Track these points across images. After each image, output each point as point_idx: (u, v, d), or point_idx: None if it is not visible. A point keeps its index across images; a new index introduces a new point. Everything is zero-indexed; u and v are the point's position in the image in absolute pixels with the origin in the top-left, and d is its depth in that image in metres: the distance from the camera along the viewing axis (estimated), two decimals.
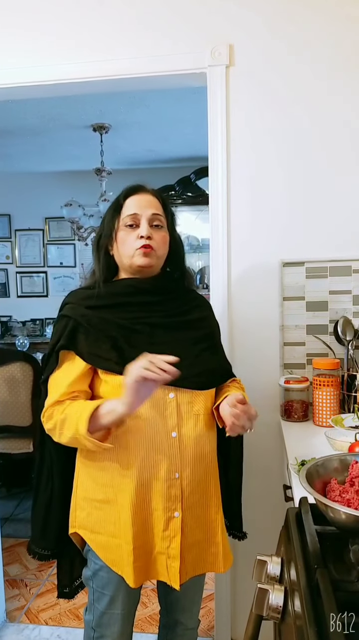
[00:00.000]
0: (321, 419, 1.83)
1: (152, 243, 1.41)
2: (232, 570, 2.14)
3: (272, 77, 1.96)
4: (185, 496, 1.41)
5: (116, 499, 1.40)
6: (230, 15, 1.96)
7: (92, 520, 1.45)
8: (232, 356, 2.05)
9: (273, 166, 1.99)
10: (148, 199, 1.45)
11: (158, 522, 1.40)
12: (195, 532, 1.45)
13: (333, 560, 0.91)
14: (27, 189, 5.87)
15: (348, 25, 1.90)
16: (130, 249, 1.42)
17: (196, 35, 1.98)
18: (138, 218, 1.42)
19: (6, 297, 6.16)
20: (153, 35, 2.01)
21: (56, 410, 1.35)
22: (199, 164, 4.76)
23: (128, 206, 1.44)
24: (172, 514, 1.40)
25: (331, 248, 1.98)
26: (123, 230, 1.43)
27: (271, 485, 2.05)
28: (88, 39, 2.05)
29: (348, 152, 1.95)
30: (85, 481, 1.47)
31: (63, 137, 4.42)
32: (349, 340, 1.91)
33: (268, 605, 0.90)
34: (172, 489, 1.39)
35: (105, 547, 1.43)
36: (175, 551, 1.40)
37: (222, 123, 1.99)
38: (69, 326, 1.39)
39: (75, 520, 1.50)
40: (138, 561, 1.39)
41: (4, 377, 3.27)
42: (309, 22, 1.92)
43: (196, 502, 1.45)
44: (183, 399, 1.40)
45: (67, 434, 1.32)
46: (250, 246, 2.03)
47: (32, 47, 2.09)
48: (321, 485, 1.02)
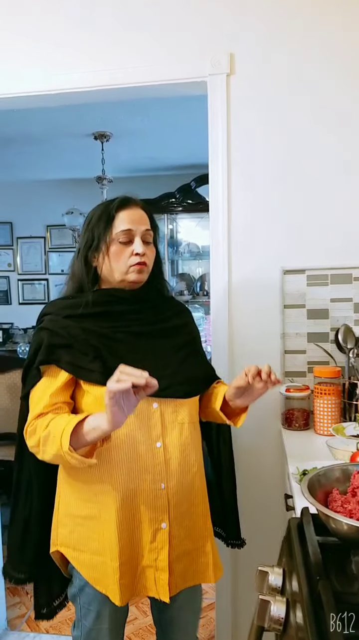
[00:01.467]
0: (323, 427, 1.83)
1: (145, 259, 1.42)
2: (233, 580, 2.13)
3: (272, 85, 1.97)
4: (172, 507, 1.39)
5: (100, 515, 1.37)
6: (231, 24, 1.97)
7: (75, 538, 1.41)
8: (232, 364, 2.05)
9: (273, 174, 2.00)
10: (140, 214, 1.44)
11: (145, 534, 1.37)
12: (184, 542, 1.42)
13: (335, 572, 0.90)
14: (29, 197, 5.89)
15: (347, 35, 1.91)
16: (124, 265, 1.41)
17: (196, 44, 1.99)
18: (133, 234, 1.41)
19: (8, 305, 6.17)
20: (154, 45, 2.02)
21: (39, 425, 1.31)
22: (199, 172, 4.77)
23: (121, 220, 1.41)
24: (159, 525, 1.38)
25: (332, 256, 1.98)
26: (116, 245, 1.41)
27: (272, 495, 2.04)
28: (89, 49, 2.06)
29: (349, 160, 1.95)
30: (68, 497, 1.43)
31: (64, 146, 4.44)
32: (350, 349, 1.90)
33: (270, 616, 0.88)
34: (158, 500, 1.37)
35: (88, 565, 1.39)
36: (163, 563, 1.38)
37: (222, 131, 2.00)
38: (48, 339, 1.36)
39: (57, 538, 1.46)
40: (124, 578, 1.36)
41: (6, 385, 3.26)
42: (310, 32, 1.93)
43: (184, 512, 1.42)
44: (167, 408, 1.39)
45: (50, 451, 1.28)
46: (251, 253, 2.03)
47: (33, 57, 2.10)
48: (323, 496, 1.01)
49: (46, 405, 1.33)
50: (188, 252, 5.44)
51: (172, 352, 1.46)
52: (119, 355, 1.34)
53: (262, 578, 0.99)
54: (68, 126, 3.92)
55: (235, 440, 2.03)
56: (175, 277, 5.55)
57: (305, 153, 1.97)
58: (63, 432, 1.24)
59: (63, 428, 1.24)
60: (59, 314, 1.40)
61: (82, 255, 1.45)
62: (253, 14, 1.96)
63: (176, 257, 5.54)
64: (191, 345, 1.55)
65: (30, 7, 2.09)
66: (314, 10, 1.93)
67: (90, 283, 1.45)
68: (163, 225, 5.26)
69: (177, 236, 5.48)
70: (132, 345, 1.40)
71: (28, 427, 1.33)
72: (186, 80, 2.02)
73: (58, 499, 1.47)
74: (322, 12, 1.92)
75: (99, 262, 1.44)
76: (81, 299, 1.42)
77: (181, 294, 5.34)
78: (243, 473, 2.08)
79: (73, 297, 1.45)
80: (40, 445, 1.30)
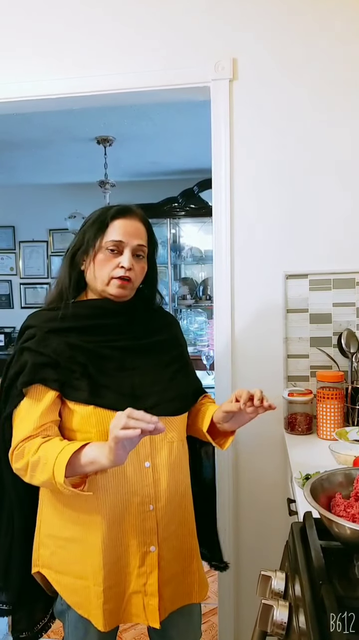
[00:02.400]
0: (325, 432, 1.82)
1: (131, 274, 1.35)
2: (236, 585, 2.12)
3: (276, 91, 1.97)
4: (160, 528, 1.33)
5: (84, 538, 1.30)
6: (234, 29, 1.98)
7: (56, 560, 1.35)
8: (235, 368, 2.05)
9: (276, 179, 2.00)
10: (136, 227, 1.37)
11: (132, 558, 1.32)
12: (172, 564, 1.37)
13: (338, 576, 0.90)
14: (32, 201, 5.91)
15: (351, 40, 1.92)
16: (106, 275, 1.34)
17: (200, 50, 2.00)
18: (123, 246, 1.34)
19: (10, 308, 6.18)
20: (157, 49, 2.03)
21: (27, 448, 1.24)
22: (202, 176, 4.78)
23: (115, 229, 1.34)
24: (148, 548, 1.32)
25: (335, 260, 1.98)
26: (103, 253, 1.34)
27: (274, 499, 2.04)
28: (92, 54, 2.07)
29: (353, 165, 1.95)
30: (50, 517, 1.37)
31: (67, 150, 4.45)
32: (353, 353, 1.90)
33: (273, 621, 0.88)
34: (147, 522, 1.32)
35: (70, 589, 1.33)
36: (152, 588, 1.32)
37: (226, 136, 2.00)
38: (32, 360, 1.28)
39: (39, 559, 1.39)
40: (109, 603, 1.30)
41: None
42: (313, 38, 1.94)
43: (172, 533, 1.37)
44: None
45: (40, 478, 1.22)
46: (254, 258, 2.03)
47: (36, 62, 2.11)
48: (326, 500, 1.01)
49: (34, 427, 1.25)
50: (190, 257, 5.46)
51: (161, 368, 1.41)
52: (106, 373, 1.30)
53: (265, 582, 0.99)
54: (71, 130, 3.93)
55: (237, 444, 2.03)
56: (178, 282, 5.56)
57: (308, 158, 1.97)
58: (56, 461, 1.17)
59: (56, 457, 1.18)
60: (42, 328, 1.33)
61: (69, 257, 1.39)
62: (256, 20, 1.96)
63: (179, 261, 5.56)
64: (180, 359, 1.49)
65: (32, 11, 2.10)
66: (318, 16, 1.93)
67: (72, 289, 1.39)
68: (166, 230, 5.28)
69: (179, 240, 5.50)
70: (119, 361, 1.34)
71: (15, 450, 1.26)
72: (189, 85, 2.02)
73: (40, 518, 1.40)
74: (325, 17, 1.93)
75: (86, 267, 1.38)
76: (67, 310, 1.35)
77: (184, 298, 5.35)
78: (245, 477, 2.08)
79: (57, 307, 1.37)
80: (29, 471, 1.24)
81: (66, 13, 2.08)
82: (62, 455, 1.18)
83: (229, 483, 2.07)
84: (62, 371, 1.28)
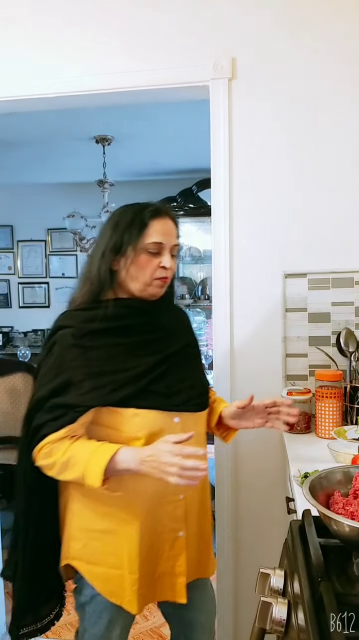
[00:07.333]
0: (324, 430, 1.83)
1: (169, 273, 1.41)
2: (234, 582, 2.12)
3: (275, 90, 1.97)
4: (188, 515, 1.42)
5: (118, 529, 1.36)
6: (233, 28, 1.98)
7: (89, 552, 1.39)
8: (234, 367, 2.05)
9: (275, 178, 2.00)
10: (171, 227, 1.42)
11: (164, 544, 1.40)
12: (194, 546, 1.46)
13: (336, 574, 0.90)
14: (30, 200, 5.90)
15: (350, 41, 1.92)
16: (149, 276, 1.38)
17: (199, 49, 2.00)
18: (163, 247, 1.38)
19: (8, 308, 6.17)
20: (156, 49, 2.03)
21: (55, 448, 1.28)
22: (201, 176, 4.78)
23: (155, 231, 1.37)
24: (177, 534, 1.41)
25: (333, 260, 1.98)
26: (144, 254, 1.36)
27: (273, 497, 2.04)
28: (91, 53, 2.07)
29: (351, 165, 1.95)
30: (82, 511, 1.40)
31: (66, 149, 4.44)
32: (351, 352, 1.91)
33: (271, 618, 0.89)
34: (177, 510, 1.40)
35: (103, 579, 1.38)
36: (180, 568, 1.41)
37: (225, 135, 2.00)
38: (76, 378, 1.30)
39: (69, 552, 1.42)
40: (143, 588, 1.37)
41: (6, 388, 3.26)
42: (312, 37, 1.94)
43: (197, 519, 1.46)
44: (188, 422, 1.38)
45: (69, 476, 1.27)
46: (252, 257, 2.03)
47: (35, 61, 2.11)
48: (325, 498, 1.01)
49: (66, 430, 1.29)
50: (189, 256, 5.45)
51: (186, 363, 1.46)
52: (144, 375, 1.34)
53: (264, 580, 0.99)
54: (70, 129, 3.92)
55: (237, 443, 2.03)
56: (177, 281, 5.55)
57: (306, 157, 1.98)
58: (89, 464, 1.23)
59: (89, 459, 1.24)
60: (81, 330, 1.35)
61: (100, 256, 1.39)
62: (255, 19, 1.96)
63: (177, 261, 5.54)
64: (198, 354, 1.56)
65: (31, 10, 2.10)
66: (318, 15, 1.93)
67: (110, 288, 1.41)
68: None
69: None
70: (153, 360, 1.38)
71: (42, 450, 1.29)
72: (188, 84, 2.02)
73: (70, 512, 1.42)
74: (325, 17, 1.93)
75: (120, 267, 1.39)
76: (99, 311, 1.36)
77: (182, 297, 5.35)
78: (244, 476, 2.08)
79: (91, 307, 1.39)
80: (56, 468, 1.28)
81: (64, 13, 2.08)
82: (97, 460, 1.23)
83: (228, 481, 2.08)
84: (102, 380, 1.31)
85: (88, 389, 1.30)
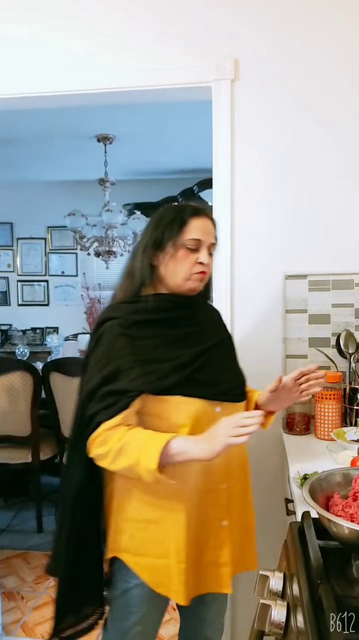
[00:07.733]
0: (323, 432, 1.83)
1: (206, 269, 1.45)
2: (233, 585, 2.12)
3: (277, 91, 1.97)
4: (231, 504, 1.45)
5: (165, 519, 1.37)
6: (236, 30, 1.98)
7: (135, 543, 1.41)
8: None
9: (276, 180, 2.00)
10: (210, 227, 1.46)
11: (207, 533, 1.42)
12: (237, 536, 1.48)
13: (336, 576, 0.90)
14: (30, 198, 5.90)
15: (353, 43, 1.92)
16: (187, 272, 1.42)
17: (201, 50, 2.00)
18: (201, 244, 1.43)
19: (7, 306, 6.17)
20: (158, 49, 2.03)
21: (110, 436, 1.29)
22: (202, 176, 4.78)
23: (194, 228, 1.42)
24: (220, 522, 1.43)
25: (334, 261, 1.98)
26: (183, 250, 1.41)
27: (272, 499, 2.04)
28: (94, 52, 2.07)
29: (352, 166, 1.96)
30: (126, 502, 1.42)
31: (67, 147, 4.44)
32: (351, 354, 1.91)
33: (270, 620, 0.89)
34: (220, 499, 1.43)
35: (150, 569, 1.40)
36: (225, 558, 1.43)
37: (227, 137, 2.00)
38: (128, 363, 1.33)
39: (116, 544, 1.44)
40: (190, 578, 1.38)
41: (4, 387, 3.26)
42: (315, 39, 1.94)
43: (239, 509, 1.49)
44: (229, 412, 1.37)
45: (123, 463, 1.28)
46: (253, 258, 2.03)
47: (37, 59, 2.10)
48: (324, 500, 1.01)
49: (120, 417, 1.30)
50: None
51: (227, 355, 1.53)
52: (189, 364, 1.37)
53: (263, 582, 0.99)
54: (72, 128, 3.92)
55: None
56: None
57: (308, 159, 1.98)
58: (144, 449, 1.25)
59: (144, 445, 1.25)
60: (128, 320, 1.38)
61: (142, 252, 1.44)
62: (258, 21, 1.96)
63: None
64: (234, 349, 1.59)
65: (34, 9, 2.10)
66: (320, 18, 1.94)
67: (149, 283, 1.45)
68: None
69: None
70: (195, 352, 1.41)
71: (97, 438, 1.31)
72: (191, 85, 2.02)
73: (117, 504, 1.44)
74: (328, 19, 1.93)
75: (159, 262, 1.44)
76: (141, 304, 1.41)
77: None
78: None
79: (133, 300, 1.43)
80: (111, 456, 1.29)
81: (67, 12, 2.08)
82: (153, 444, 1.25)
83: None
84: (151, 368, 1.34)
85: (137, 375, 1.32)
